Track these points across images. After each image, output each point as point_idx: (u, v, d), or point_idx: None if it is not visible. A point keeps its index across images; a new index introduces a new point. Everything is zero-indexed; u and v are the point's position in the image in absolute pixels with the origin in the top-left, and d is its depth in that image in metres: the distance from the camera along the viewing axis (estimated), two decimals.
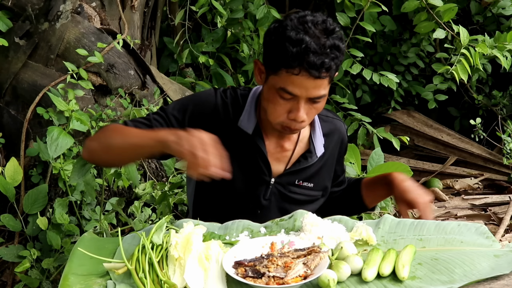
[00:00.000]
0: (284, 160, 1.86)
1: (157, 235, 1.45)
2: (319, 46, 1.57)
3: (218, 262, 1.42)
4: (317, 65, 1.57)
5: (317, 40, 1.58)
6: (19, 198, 2.48)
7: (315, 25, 1.60)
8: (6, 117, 2.67)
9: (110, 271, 1.41)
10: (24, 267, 2.29)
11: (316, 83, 1.61)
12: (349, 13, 3.41)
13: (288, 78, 1.60)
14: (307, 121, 1.71)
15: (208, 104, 1.81)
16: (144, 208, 2.66)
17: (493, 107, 4.78)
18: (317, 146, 1.87)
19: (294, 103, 1.65)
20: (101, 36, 2.78)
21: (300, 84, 1.60)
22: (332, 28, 1.62)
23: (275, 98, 1.66)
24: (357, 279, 1.40)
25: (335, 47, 1.60)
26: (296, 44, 1.57)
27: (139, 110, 2.73)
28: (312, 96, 1.63)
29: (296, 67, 1.58)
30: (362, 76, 3.61)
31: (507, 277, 1.40)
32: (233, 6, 3.43)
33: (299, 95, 1.62)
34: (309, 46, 1.56)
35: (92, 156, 1.76)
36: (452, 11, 3.25)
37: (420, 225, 1.65)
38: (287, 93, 1.63)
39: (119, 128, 1.71)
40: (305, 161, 1.86)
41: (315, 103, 1.67)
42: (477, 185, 4.41)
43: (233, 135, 1.81)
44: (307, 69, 1.57)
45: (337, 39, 1.61)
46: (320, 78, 1.59)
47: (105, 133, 1.71)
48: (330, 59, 1.58)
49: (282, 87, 1.62)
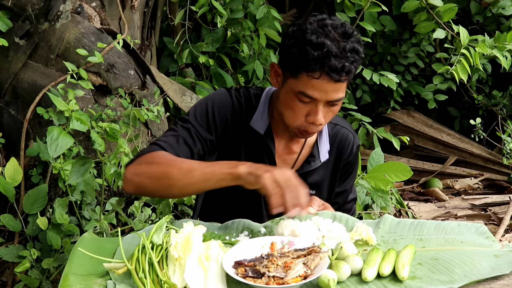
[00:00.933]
0: (290, 163, 1.88)
1: (157, 235, 1.45)
2: (340, 50, 1.58)
3: (218, 262, 1.42)
4: (338, 68, 1.58)
5: (338, 44, 1.59)
6: (19, 198, 2.48)
7: (334, 29, 1.61)
8: (6, 117, 2.66)
9: (110, 271, 1.41)
10: (24, 267, 2.29)
11: (336, 87, 1.62)
12: (349, 13, 3.41)
13: (309, 82, 1.61)
14: (324, 124, 1.73)
15: (225, 104, 1.81)
16: (144, 208, 2.66)
17: (493, 107, 4.78)
18: (321, 151, 1.88)
19: (312, 106, 1.66)
20: (101, 36, 2.78)
21: (320, 88, 1.61)
22: (351, 32, 1.63)
23: (293, 102, 1.67)
24: (357, 279, 1.40)
25: (354, 51, 1.61)
26: (318, 47, 1.57)
27: (139, 110, 2.73)
28: (331, 99, 1.64)
29: (317, 70, 1.58)
30: (362, 76, 3.61)
31: (507, 277, 1.40)
32: (233, 6, 3.43)
33: (318, 99, 1.63)
34: (331, 50, 1.57)
35: (141, 191, 1.70)
36: (452, 11, 3.25)
37: (420, 225, 1.65)
38: (306, 97, 1.64)
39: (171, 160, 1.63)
40: (308, 165, 1.87)
41: (333, 106, 1.68)
42: (477, 185, 4.41)
43: (244, 134, 1.82)
44: (328, 73, 1.58)
45: (356, 42, 1.62)
46: (340, 81, 1.61)
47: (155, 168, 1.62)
48: (350, 63, 1.60)
49: (302, 90, 1.63)
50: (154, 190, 1.65)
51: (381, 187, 2.85)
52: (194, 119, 1.78)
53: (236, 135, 1.83)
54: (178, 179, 1.59)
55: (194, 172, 1.58)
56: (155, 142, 1.73)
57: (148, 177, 1.62)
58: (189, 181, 1.59)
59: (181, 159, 1.66)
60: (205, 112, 1.79)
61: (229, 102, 1.82)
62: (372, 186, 2.87)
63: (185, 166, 1.61)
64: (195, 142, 1.75)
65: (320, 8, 4.75)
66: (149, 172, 1.63)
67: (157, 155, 1.66)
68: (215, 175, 1.55)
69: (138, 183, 1.64)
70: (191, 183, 1.59)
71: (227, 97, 1.82)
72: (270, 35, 3.59)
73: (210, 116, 1.79)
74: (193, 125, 1.77)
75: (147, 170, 1.63)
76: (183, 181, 1.59)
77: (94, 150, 2.66)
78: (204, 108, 1.80)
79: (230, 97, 1.83)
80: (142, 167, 1.65)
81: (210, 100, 1.83)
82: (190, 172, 1.59)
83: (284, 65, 1.70)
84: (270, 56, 3.71)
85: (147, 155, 1.67)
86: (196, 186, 1.62)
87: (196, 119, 1.78)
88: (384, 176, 2.77)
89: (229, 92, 1.84)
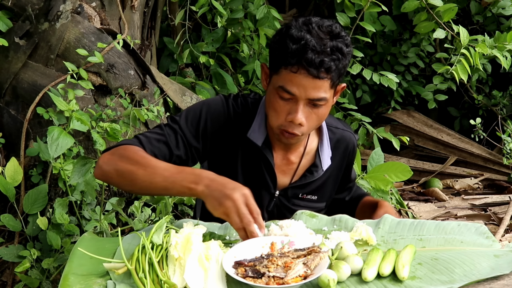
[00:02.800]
0: (290, 173, 1.84)
1: (157, 235, 1.45)
2: (320, 45, 1.55)
3: (218, 262, 1.42)
4: (315, 63, 1.54)
5: (319, 40, 1.56)
6: (19, 198, 2.48)
7: (319, 27, 1.58)
8: (6, 117, 2.67)
9: (110, 271, 1.41)
10: (24, 267, 2.29)
11: (316, 84, 1.58)
12: (349, 13, 3.41)
13: (287, 76, 1.58)
14: (306, 127, 1.66)
15: (220, 114, 1.76)
16: (144, 208, 2.66)
17: (493, 107, 4.78)
18: (323, 160, 1.84)
19: (293, 104, 1.62)
20: (101, 36, 2.78)
21: (299, 83, 1.58)
22: (338, 32, 1.60)
23: (275, 99, 1.64)
24: (357, 279, 1.40)
25: (337, 49, 1.57)
26: (297, 41, 1.56)
27: (139, 110, 2.73)
28: (311, 97, 1.60)
29: (295, 64, 1.56)
30: (362, 76, 3.61)
31: (507, 277, 1.40)
32: (233, 6, 3.43)
33: (297, 95, 1.59)
34: (309, 43, 1.54)
35: (106, 180, 1.69)
36: (452, 11, 3.25)
37: (420, 225, 1.65)
38: (286, 92, 1.60)
39: (140, 159, 1.60)
40: (310, 176, 1.84)
41: (316, 107, 1.63)
42: (477, 185, 4.41)
43: (241, 146, 1.78)
44: (305, 67, 1.55)
45: (341, 43, 1.59)
46: (319, 78, 1.56)
47: (124, 163, 1.61)
48: (331, 60, 1.56)
49: (281, 85, 1.60)
50: (119, 184, 1.64)
51: (381, 187, 2.84)
52: (184, 122, 1.74)
53: (232, 146, 1.78)
54: (141, 180, 1.56)
55: (157, 177, 1.54)
56: (137, 136, 1.71)
57: (115, 169, 1.61)
58: (150, 186, 1.56)
59: (151, 159, 1.61)
60: (197, 119, 1.74)
61: (224, 112, 1.77)
62: (372, 186, 2.87)
63: (150, 170, 1.56)
64: (178, 145, 1.71)
65: (320, 8, 4.75)
66: (117, 165, 1.61)
67: (131, 150, 1.64)
68: (175, 186, 1.52)
69: (106, 172, 1.63)
70: (152, 188, 1.57)
71: (224, 106, 1.77)
72: (270, 35, 3.59)
73: (201, 123, 1.74)
74: (181, 128, 1.73)
75: (116, 163, 1.62)
76: (145, 184, 1.56)
77: (94, 150, 2.66)
78: (197, 114, 1.75)
79: (227, 106, 1.78)
80: (114, 157, 1.63)
81: (205, 106, 1.78)
82: (153, 176, 1.55)
83: (269, 63, 1.68)
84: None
85: (123, 147, 1.65)
86: (158, 192, 1.62)
87: (186, 123, 1.74)
88: (384, 176, 2.77)
89: (226, 101, 1.79)
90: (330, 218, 1.70)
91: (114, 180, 1.63)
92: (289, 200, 1.86)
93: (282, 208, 1.86)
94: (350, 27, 3.50)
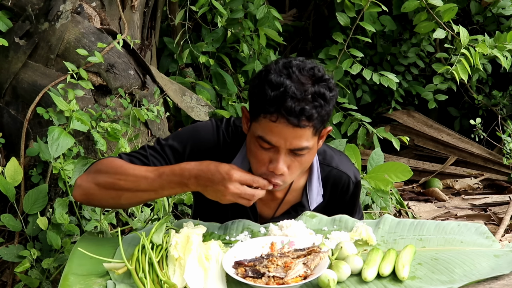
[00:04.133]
0: (273, 207, 1.78)
1: (157, 235, 1.45)
2: (300, 92, 1.44)
3: (218, 262, 1.42)
4: (295, 112, 1.43)
5: (299, 86, 1.45)
6: (19, 198, 2.48)
7: (300, 70, 1.48)
8: (6, 117, 2.66)
9: (110, 271, 1.41)
10: (24, 267, 2.29)
11: (297, 133, 1.47)
12: (349, 13, 3.41)
13: (267, 126, 1.48)
14: (289, 176, 1.56)
15: (209, 142, 1.71)
16: (144, 208, 2.66)
17: (493, 107, 4.78)
18: (311, 198, 1.75)
19: (274, 153, 1.51)
20: (101, 36, 2.78)
21: (279, 133, 1.47)
22: (320, 75, 1.49)
23: (255, 148, 1.54)
24: (357, 279, 1.40)
25: (319, 95, 1.46)
26: (275, 88, 1.45)
27: (139, 110, 2.73)
28: (292, 148, 1.49)
29: (274, 113, 1.45)
30: (362, 76, 3.61)
31: (507, 277, 1.40)
32: (233, 6, 3.43)
33: (277, 145, 1.49)
34: (288, 90, 1.43)
35: (88, 199, 1.61)
36: (452, 11, 3.25)
37: (420, 225, 1.65)
38: (265, 142, 1.50)
39: (118, 168, 1.56)
40: (295, 214, 1.75)
41: (298, 156, 1.53)
42: (477, 185, 4.41)
43: None
44: (285, 116, 1.44)
45: (324, 87, 1.48)
46: (300, 127, 1.46)
47: (104, 176, 1.55)
48: (312, 107, 1.45)
49: (261, 135, 1.50)
50: (102, 198, 1.59)
51: (381, 187, 2.85)
52: (169, 147, 1.69)
53: None
54: (126, 189, 1.53)
55: (141, 184, 1.52)
56: (119, 154, 1.67)
57: (96, 183, 1.56)
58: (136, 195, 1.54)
59: (129, 167, 1.57)
60: (183, 147, 1.69)
61: (214, 141, 1.71)
62: (372, 186, 2.87)
63: (132, 178, 1.53)
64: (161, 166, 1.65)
65: (320, 8, 4.75)
66: (96, 179, 1.56)
67: (108, 162, 1.59)
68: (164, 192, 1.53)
69: (86, 189, 1.58)
70: (139, 196, 1.55)
71: (213, 135, 1.71)
72: (270, 35, 3.59)
73: (187, 151, 1.69)
74: (164, 152, 1.68)
75: (94, 177, 1.56)
76: (130, 193, 1.53)
77: (94, 150, 2.66)
78: (184, 142, 1.70)
79: (217, 135, 1.71)
80: (90, 174, 1.59)
81: (193, 134, 1.72)
82: (137, 184, 1.52)
83: (249, 108, 1.58)
84: (270, 56, 3.71)
85: (97, 162, 1.61)
86: (145, 198, 1.58)
87: (171, 148, 1.69)
88: (384, 176, 2.77)
89: (217, 129, 1.72)
90: (330, 218, 1.70)
91: (97, 196, 1.58)
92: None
93: None
94: (350, 27, 3.50)
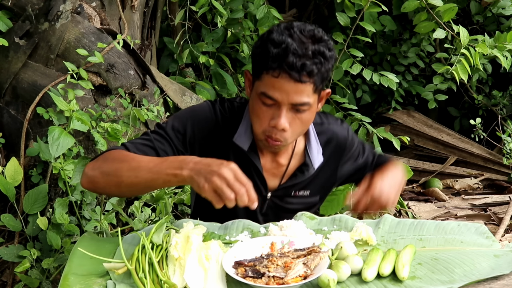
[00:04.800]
0: (280, 175, 1.83)
1: (157, 235, 1.45)
2: (301, 49, 1.52)
3: (218, 262, 1.42)
4: (297, 67, 1.51)
5: (300, 44, 1.53)
6: (19, 198, 2.48)
7: (301, 31, 1.56)
8: (6, 117, 2.66)
9: (110, 271, 1.41)
10: (24, 267, 2.29)
11: (298, 88, 1.54)
12: (349, 13, 3.41)
13: (269, 82, 1.55)
14: (290, 133, 1.63)
15: (208, 120, 1.75)
16: (144, 208, 2.66)
17: (493, 107, 4.78)
18: (313, 158, 1.81)
19: (276, 109, 1.59)
20: (101, 36, 2.78)
21: (281, 88, 1.54)
22: (320, 36, 1.57)
23: (258, 106, 1.61)
24: (357, 279, 1.40)
25: (319, 53, 1.54)
26: (278, 45, 1.53)
27: (139, 110, 2.73)
28: (294, 102, 1.56)
29: (276, 68, 1.53)
30: (362, 76, 3.61)
31: (507, 277, 1.40)
32: (233, 6, 3.43)
33: (279, 100, 1.56)
34: (290, 47, 1.52)
35: (94, 187, 1.65)
36: (452, 11, 3.25)
37: (420, 225, 1.66)
38: (268, 98, 1.57)
39: (123, 157, 1.59)
40: (301, 175, 1.82)
41: (299, 112, 1.60)
42: (477, 185, 4.41)
43: (231, 150, 1.77)
44: (286, 71, 1.52)
45: (324, 46, 1.56)
46: (301, 82, 1.53)
47: (109, 164, 1.60)
48: (313, 63, 1.53)
49: (263, 91, 1.57)
50: (105, 187, 1.61)
51: None
52: (171, 129, 1.72)
53: (223, 151, 1.76)
54: (127, 176, 1.54)
55: (141, 171, 1.52)
56: (123, 143, 1.70)
57: (100, 172, 1.59)
58: (135, 180, 1.54)
59: (135, 156, 1.60)
60: (183, 126, 1.73)
61: (212, 118, 1.75)
62: None
63: (135, 164, 1.55)
64: (165, 149, 1.70)
65: (320, 8, 4.75)
66: (102, 167, 1.59)
67: (115, 152, 1.63)
68: (161, 175, 1.49)
69: (91, 177, 1.61)
70: (137, 182, 1.54)
71: (211, 112, 1.76)
72: None
73: (188, 131, 1.73)
74: (167, 134, 1.71)
75: (100, 166, 1.60)
76: (131, 179, 1.54)
77: (94, 150, 2.66)
78: (183, 121, 1.74)
79: (214, 112, 1.76)
80: (98, 163, 1.63)
81: (191, 114, 1.76)
82: (137, 170, 1.53)
83: (252, 69, 1.65)
84: None
85: (106, 152, 1.65)
86: (144, 185, 1.56)
87: (173, 129, 1.72)
88: None
89: (213, 106, 1.78)
90: (330, 218, 1.71)
91: (101, 184, 1.60)
92: (281, 200, 1.85)
93: (276, 209, 1.85)
94: (350, 27, 3.50)
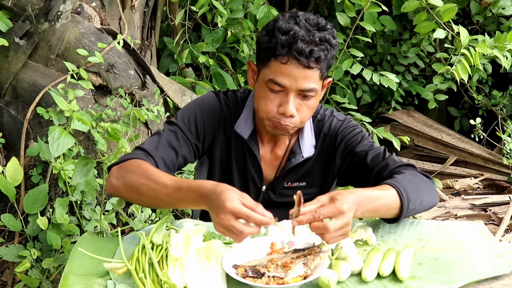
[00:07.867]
0: (275, 167, 1.85)
1: (157, 235, 1.45)
2: (308, 36, 1.57)
3: (218, 262, 1.42)
4: (305, 52, 1.56)
5: (307, 31, 1.58)
6: (19, 198, 2.48)
7: (306, 20, 1.61)
8: (6, 117, 2.66)
9: (110, 271, 1.41)
10: (24, 267, 2.29)
11: (306, 74, 1.59)
12: (349, 13, 3.41)
13: (278, 68, 1.59)
14: (298, 119, 1.67)
15: (216, 109, 1.80)
16: (144, 208, 2.66)
17: (493, 107, 4.78)
18: (304, 147, 1.82)
19: (283, 96, 1.63)
20: (101, 36, 2.78)
21: (289, 74, 1.59)
22: (324, 24, 1.62)
23: (265, 93, 1.65)
24: (357, 279, 1.40)
25: (325, 39, 1.59)
26: (286, 32, 1.58)
27: (139, 110, 2.73)
28: (302, 88, 1.61)
29: (285, 55, 1.57)
30: (362, 76, 3.61)
31: (507, 277, 1.40)
32: (233, 6, 3.44)
33: (288, 86, 1.60)
34: (298, 33, 1.56)
35: (118, 195, 1.69)
36: (452, 11, 3.25)
37: (420, 225, 1.65)
38: (276, 84, 1.61)
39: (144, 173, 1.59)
40: (289, 163, 1.83)
41: (306, 99, 1.64)
42: (477, 185, 4.41)
43: (233, 138, 1.81)
44: (295, 57, 1.56)
45: (329, 34, 1.61)
46: (309, 68, 1.58)
47: (130, 175, 1.61)
48: (320, 50, 1.58)
49: (271, 78, 1.61)
50: (129, 198, 1.65)
51: None
52: (182, 122, 1.76)
53: (226, 139, 1.81)
54: (148, 196, 1.57)
55: (160, 195, 1.54)
56: (139, 147, 1.71)
57: (123, 183, 1.62)
58: (156, 202, 1.59)
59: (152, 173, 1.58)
60: (193, 117, 1.77)
61: (218, 107, 1.80)
62: None
63: (153, 185, 1.55)
64: (181, 144, 1.73)
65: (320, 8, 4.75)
66: (125, 178, 1.61)
67: (134, 164, 1.63)
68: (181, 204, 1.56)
69: (115, 186, 1.63)
70: (159, 204, 1.63)
71: (216, 101, 1.81)
72: None
73: (198, 123, 1.77)
74: (180, 128, 1.75)
75: (124, 176, 1.62)
76: (152, 200, 1.57)
77: (94, 150, 2.66)
78: (192, 113, 1.78)
79: (219, 101, 1.81)
80: (121, 172, 1.64)
81: (198, 105, 1.81)
82: (156, 193, 1.54)
83: (257, 58, 1.69)
84: None
85: (129, 161, 1.65)
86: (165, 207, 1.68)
87: (184, 122, 1.76)
88: None
89: (217, 96, 1.82)
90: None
91: (124, 195, 1.65)
92: (275, 192, 1.86)
93: (270, 204, 1.84)
94: (350, 27, 3.50)
